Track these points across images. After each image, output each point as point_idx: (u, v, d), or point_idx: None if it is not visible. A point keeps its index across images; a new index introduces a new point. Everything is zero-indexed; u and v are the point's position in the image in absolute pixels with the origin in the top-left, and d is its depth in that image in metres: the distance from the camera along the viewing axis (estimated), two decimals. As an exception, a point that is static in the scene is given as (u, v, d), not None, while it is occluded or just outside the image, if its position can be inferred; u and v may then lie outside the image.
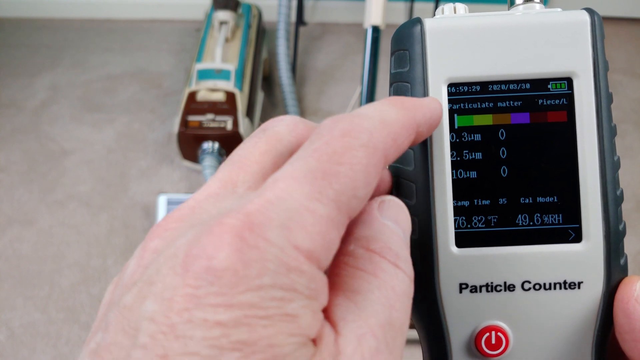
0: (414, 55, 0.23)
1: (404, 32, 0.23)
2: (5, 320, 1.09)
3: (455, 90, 0.23)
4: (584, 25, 0.23)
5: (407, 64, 0.23)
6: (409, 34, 0.23)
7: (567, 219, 0.23)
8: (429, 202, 0.23)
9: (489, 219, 0.23)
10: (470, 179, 0.23)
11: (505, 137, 0.23)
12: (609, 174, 0.23)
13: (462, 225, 0.23)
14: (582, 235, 0.23)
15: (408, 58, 0.23)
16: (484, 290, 0.23)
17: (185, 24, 1.97)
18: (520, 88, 0.23)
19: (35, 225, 1.28)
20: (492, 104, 0.23)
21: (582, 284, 0.23)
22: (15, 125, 1.55)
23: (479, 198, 0.23)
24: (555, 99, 0.23)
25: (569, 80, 0.23)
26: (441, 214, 0.23)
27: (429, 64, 0.23)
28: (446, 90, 0.23)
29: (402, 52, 0.23)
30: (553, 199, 0.23)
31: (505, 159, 0.23)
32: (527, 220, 0.23)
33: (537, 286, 0.23)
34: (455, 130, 0.23)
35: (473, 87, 0.23)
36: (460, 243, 0.23)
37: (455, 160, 0.23)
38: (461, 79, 0.23)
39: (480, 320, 0.23)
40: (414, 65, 0.23)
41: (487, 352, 0.23)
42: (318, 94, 1.69)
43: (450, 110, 0.23)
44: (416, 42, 0.23)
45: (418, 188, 0.23)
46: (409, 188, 0.23)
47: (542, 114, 0.23)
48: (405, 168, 0.23)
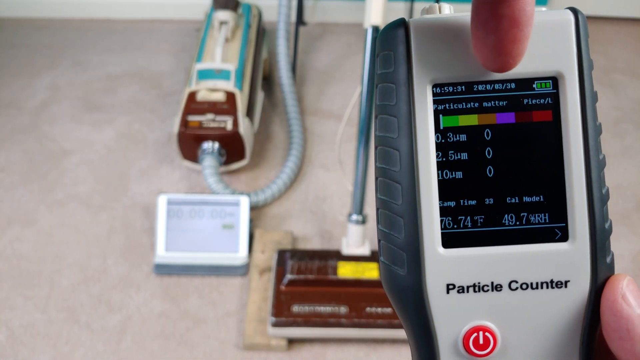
0: (398, 56, 0.23)
1: (389, 33, 0.23)
2: (5, 320, 1.09)
3: (440, 91, 0.23)
4: (568, 25, 0.23)
5: (392, 65, 0.23)
6: (393, 35, 0.23)
7: (553, 218, 0.23)
8: (414, 202, 0.23)
9: (476, 219, 0.23)
10: (456, 179, 0.23)
11: (490, 137, 0.23)
12: (594, 172, 0.23)
13: (448, 225, 0.23)
14: (569, 234, 0.23)
15: (393, 59, 0.23)
16: (472, 291, 0.23)
17: (185, 24, 1.97)
18: (506, 88, 0.23)
19: (35, 225, 1.28)
20: (477, 104, 0.23)
21: (569, 283, 0.23)
22: (15, 125, 1.55)
23: (465, 198, 0.23)
24: (541, 99, 0.23)
25: (554, 79, 0.23)
26: (427, 215, 0.23)
27: (414, 65, 0.23)
28: (431, 90, 0.23)
29: (387, 53, 0.23)
30: (539, 198, 0.23)
31: (491, 159, 0.23)
32: (514, 219, 0.23)
33: (524, 285, 0.23)
34: (440, 131, 0.23)
35: (458, 87, 0.23)
36: (446, 243, 0.23)
37: (440, 160, 0.23)
38: (446, 80, 0.23)
39: (467, 320, 0.23)
40: (398, 66, 0.23)
41: (475, 352, 0.23)
42: (318, 94, 1.69)
43: (436, 110, 0.23)
44: (400, 42, 0.23)
45: (404, 189, 0.23)
46: (394, 189, 0.23)
47: (528, 114, 0.23)
48: (390, 169, 0.23)
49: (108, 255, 1.21)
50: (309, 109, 1.63)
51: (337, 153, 1.21)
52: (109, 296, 1.13)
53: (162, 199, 1.18)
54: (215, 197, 1.20)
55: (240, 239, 1.18)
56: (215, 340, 1.07)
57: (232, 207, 1.19)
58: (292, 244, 1.23)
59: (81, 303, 1.12)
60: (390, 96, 0.23)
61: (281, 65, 1.56)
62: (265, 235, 1.23)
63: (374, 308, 1.03)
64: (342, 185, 1.34)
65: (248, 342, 1.04)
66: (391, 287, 0.24)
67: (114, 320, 1.09)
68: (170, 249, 1.17)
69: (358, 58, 1.79)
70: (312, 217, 1.31)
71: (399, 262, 0.23)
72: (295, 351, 1.05)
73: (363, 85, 0.96)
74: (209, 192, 1.29)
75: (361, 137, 1.00)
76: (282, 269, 1.08)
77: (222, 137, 1.29)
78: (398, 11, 1.92)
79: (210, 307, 1.12)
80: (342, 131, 1.13)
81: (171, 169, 1.42)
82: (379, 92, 0.24)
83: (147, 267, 1.19)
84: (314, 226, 1.29)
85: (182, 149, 1.33)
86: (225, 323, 1.09)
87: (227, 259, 1.17)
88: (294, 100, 1.54)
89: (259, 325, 1.05)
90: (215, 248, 1.17)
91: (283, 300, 1.04)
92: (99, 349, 1.05)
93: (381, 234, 0.24)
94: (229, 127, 1.29)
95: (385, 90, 0.23)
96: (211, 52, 1.46)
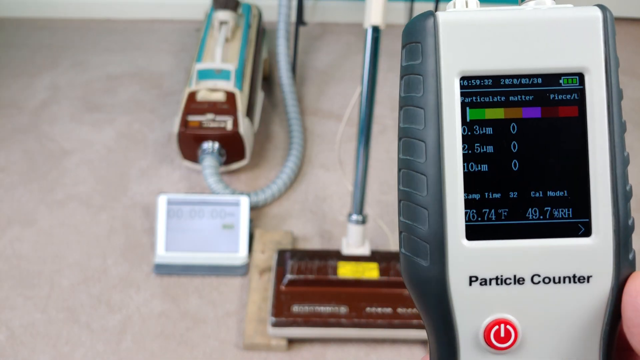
0: (426, 48, 0.23)
1: (417, 25, 0.23)
2: (5, 320, 1.09)
3: (468, 84, 0.23)
4: (596, 21, 0.23)
5: (420, 57, 0.23)
6: (422, 27, 0.23)
7: (577, 213, 0.23)
8: (440, 194, 0.23)
9: (500, 212, 0.23)
10: (481, 172, 0.23)
11: (516, 131, 0.23)
12: (619, 169, 0.23)
13: (472, 218, 0.23)
14: (592, 230, 0.23)
15: (421, 50, 0.23)
16: (494, 283, 0.23)
17: (185, 24, 1.97)
18: (532, 82, 0.23)
19: (35, 225, 1.28)
20: (504, 97, 0.23)
21: (591, 278, 0.23)
22: (15, 125, 1.55)
23: (489, 191, 0.23)
24: (567, 94, 0.23)
25: (581, 75, 0.23)
26: (452, 207, 0.23)
27: (442, 57, 0.23)
28: (459, 83, 0.23)
29: (415, 44, 0.23)
30: (563, 193, 0.23)
31: (516, 152, 0.23)
32: (538, 214, 0.23)
33: (546, 279, 0.23)
34: (467, 124, 0.23)
35: (485, 80, 0.23)
36: (470, 236, 0.23)
37: (466, 153, 0.23)
38: (474, 73, 0.23)
39: (489, 313, 0.23)
40: (426, 57, 0.23)
41: (496, 344, 0.23)
42: (318, 94, 1.69)
43: (463, 103, 0.23)
44: (429, 34, 0.23)
45: (429, 180, 0.23)
46: (419, 180, 0.23)
47: (554, 109, 0.23)
48: (416, 160, 0.23)
49: (108, 255, 1.21)
50: (309, 109, 1.63)
51: (337, 153, 1.21)
52: (109, 296, 1.13)
53: (162, 199, 1.18)
54: (215, 197, 1.20)
55: (240, 239, 1.18)
56: (215, 340, 1.07)
57: (232, 207, 1.19)
58: (292, 244, 1.23)
59: (81, 303, 1.12)
60: (417, 87, 0.23)
61: (281, 65, 1.56)
62: (265, 235, 1.23)
63: (374, 308, 1.03)
64: (342, 185, 1.34)
65: (248, 342, 1.04)
66: (413, 278, 0.24)
67: (114, 320, 1.09)
68: (170, 249, 1.17)
69: (358, 58, 1.79)
70: (312, 217, 1.31)
71: (421, 254, 0.23)
72: (295, 351, 1.05)
73: (363, 85, 0.96)
74: (209, 192, 1.29)
75: (361, 137, 1.00)
76: (282, 269, 1.08)
77: (222, 137, 1.29)
78: (398, 11, 1.92)
79: (210, 307, 1.12)
80: (342, 131, 1.12)
81: (171, 169, 1.42)
82: (405, 83, 0.24)
83: (147, 267, 1.19)
84: (314, 226, 1.29)
85: (182, 149, 1.33)
86: (225, 323, 1.09)
87: (227, 259, 1.17)
88: (294, 100, 1.54)
89: (259, 325, 1.05)
90: (215, 248, 1.17)
91: (283, 300, 1.04)
92: (99, 349, 1.05)
93: (403, 225, 0.24)
94: (229, 127, 1.29)
95: (411, 82, 0.23)
96: (211, 52, 1.46)
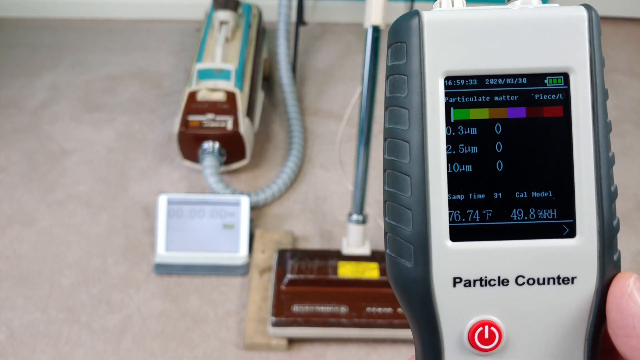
0: (411, 48, 0.23)
1: (402, 25, 0.23)
2: (5, 320, 1.09)
3: (452, 84, 0.23)
4: (581, 21, 0.23)
5: (404, 56, 0.23)
6: (406, 26, 0.23)
7: (561, 214, 0.23)
8: (424, 195, 0.23)
9: (484, 213, 0.23)
10: (465, 172, 0.23)
11: (501, 132, 0.23)
12: (603, 169, 0.23)
13: (456, 219, 0.23)
14: (577, 231, 0.23)
15: (405, 50, 0.23)
16: (478, 285, 0.23)
17: (185, 24, 1.97)
18: (517, 82, 0.23)
19: (35, 225, 1.28)
20: (488, 97, 0.23)
21: (575, 279, 0.23)
22: (15, 125, 1.55)
23: (474, 192, 0.23)
24: (552, 94, 0.23)
25: (566, 75, 0.23)
26: (436, 208, 0.23)
27: (427, 57, 0.23)
28: (443, 83, 0.23)
29: (399, 44, 0.23)
30: (548, 193, 0.23)
31: (500, 153, 0.23)
32: (522, 214, 0.23)
33: (530, 281, 0.23)
34: (451, 124, 0.23)
35: (470, 80, 0.23)
36: (454, 237, 0.23)
37: (450, 153, 0.23)
38: (458, 72, 0.23)
39: (473, 314, 0.23)
40: (411, 57, 0.23)
41: (480, 346, 0.23)
42: (318, 94, 1.69)
43: (447, 103, 0.23)
44: (413, 34, 0.23)
45: (413, 181, 0.23)
46: (403, 181, 0.23)
47: (539, 109, 0.23)
48: (400, 161, 0.23)
49: (108, 255, 1.21)
50: (309, 109, 1.63)
51: (337, 153, 1.21)
52: (109, 296, 1.13)
53: (162, 199, 1.18)
54: (216, 197, 1.20)
55: (241, 239, 1.18)
56: (215, 340, 1.07)
57: (232, 207, 1.19)
58: (292, 243, 1.23)
59: (81, 303, 1.12)
60: (402, 88, 0.23)
61: (281, 65, 1.56)
62: (265, 235, 1.23)
63: (374, 308, 1.03)
64: (342, 185, 1.34)
65: (248, 342, 1.04)
66: (397, 279, 0.24)
67: (114, 320, 1.09)
68: (170, 248, 1.17)
69: (358, 58, 1.79)
70: (312, 217, 1.31)
71: (405, 255, 0.23)
72: (295, 351, 1.05)
73: (363, 85, 0.96)
74: (209, 192, 1.29)
75: (361, 137, 1.00)
76: (282, 268, 1.08)
77: (222, 137, 1.29)
78: (398, 11, 1.92)
79: (211, 307, 1.12)
80: (342, 131, 1.13)
81: (171, 169, 1.42)
82: (390, 84, 0.24)
83: (147, 267, 1.19)
84: (314, 226, 1.29)
85: (183, 148, 1.33)
86: (226, 323, 1.09)
87: (227, 259, 1.17)
88: (294, 100, 1.54)
89: (259, 325, 1.05)
90: (216, 248, 1.17)
91: (283, 300, 1.04)
92: (99, 349, 1.05)
93: (388, 226, 0.24)
94: (229, 127, 1.29)
95: (396, 82, 0.23)
96: (211, 52, 1.46)
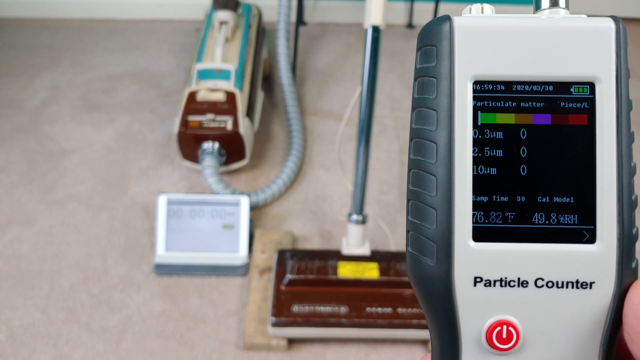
0: (441, 51, 0.24)
1: (433, 28, 0.24)
2: (5, 320, 1.09)
3: (481, 88, 0.24)
4: (609, 32, 0.23)
5: (434, 59, 0.24)
6: (437, 30, 0.24)
7: (582, 220, 0.24)
8: (449, 195, 0.23)
9: (507, 216, 0.24)
10: (490, 175, 0.24)
11: (526, 137, 0.24)
12: (625, 178, 0.23)
13: (480, 220, 0.24)
14: (597, 237, 0.23)
15: (435, 54, 0.24)
16: (498, 285, 0.23)
17: (185, 24, 1.97)
18: (544, 90, 0.24)
19: (35, 225, 1.28)
20: (515, 103, 0.24)
21: (593, 284, 0.23)
22: (15, 125, 1.55)
23: (497, 194, 0.24)
24: (577, 103, 0.24)
25: (592, 85, 0.24)
26: (460, 208, 0.23)
27: (456, 61, 0.23)
28: (471, 87, 0.24)
29: (430, 47, 0.24)
30: (570, 199, 0.24)
31: (525, 157, 0.24)
32: (544, 219, 0.24)
33: (549, 284, 0.23)
34: (478, 127, 0.24)
35: (498, 85, 0.24)
36: (477, 237, 0.23)
37: (476, 156, 0.24)
38: (487, 77, 0.24)
39: (492, 314, 0.24)
40: (441, 60, 0.24)
41: (498, 345, 0.23)
42: (318, 94, 1.69)
43: (475, 107, 0.24)
44: (444, 38, 0.24)
45: (439, 181, 0.23)
46: (429, 181, 0.24)
47: (564, 117, 0.24)
48: (426, 161, 0.24)
49: (108, 255, 1.21)
50: (309, 109, 1.63)
51: (337, 153, 1.21)
52: (109, 296, 1.13)
53: (162, 199, 1.18)
54: (216, 197, 1.20)
55: (241, 239, 1.18)
56: (215, 340, 1.07)
57: (232, 207, 1.19)
58: (292, 244, 1.23)
59: (81, 303, 1.12)
60: (431, 90, 0.24)
61: (281, 65, 1.56)
62: (265, 235, 1.23)
63: (374, 308, 1.03)
64: (342, 185, 1.34)
65: (248, 342, 1.04)
66: (418, 277, 0.24)
67: (114, 320, 1.09)
68: (170, 249, 1.17)
69: (358, 58, 1.79)
70: (312, 217, 1.31)
71: (428, 253, 0.24)
72: (295, 351, 1.05)
73: (363, 85, 0.96)
74: (209, 192, 1.29)
75: (361, 137, 1.00)
76: (282, 268, 1.08)
77: (222, 137, 1.29)
78: (398, 11, 1.92)
79: (210, 307, 1.12)
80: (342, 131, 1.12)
81: (171, 169, 1.42)
82: (418, 85, 0.24)
83: (147, 267, 1.19)
84: (314, 226, 1.29)
85: (182, 149, 1.33)
86: (225, 323, 1.09)
87: (227, 259, 1.17)
88: (294, 100, 1.54)
89: (259, 325, 1.05)
90: (216, 248, 1.17)
91: (283, 300, 1.04)
92: (99, 349, 1.05)
93: (411, 224, 0.24)
94: (229, 127, 1.29)
95: (425, 84, 0.24)
96: (211, 52, 1.46)
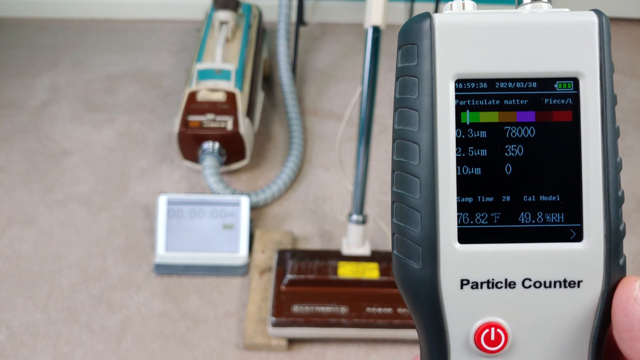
0: (422, 50, 0.23)
1: (413, 26, 0.23)
2: (5, 320, 1.09)
3: (463, 87, 0.23)
4: (591, 26, 0.23)
5: (415, 58, 0.23)
6: (418, 28, 0.23)
7: (568, 218, 0.23)
8: (433, 197, 0.23)
9: (492, 216, 0.23)
10: (474, 175, 0.23)
11: (510, 135, 0.23)
12: (611, 174, 0.23)
13: (465, 221, 0.23)
14: (583, 235, 0.23)
15: (416, 52, 0.23)
16: (485, 287, 0.23)
17: (186, 24, 1.97)
18: (527, 87, 0.23)
19: (35, 225, 1.28)
20: (498, 101, 0.23)
21: (581, 283, 0.23)
22: (15, 125, 1.55)
23: (482, 195, 0.23)
24: (561, 99, 0.23)
25: (576, 80, 0.23)
26: (444, 210, 0.23)
27: (437, 59, 0.23)
28: (453, 85, 0.23)
29: (410, 46, 0.23)
30: (556, 197, 0.23)
31: (509, 156, 0.23)
32: (530, 218, 0.23)
33: (537, 284, 0.23)
34: (461, 126, 0.23)
35: (480, 83, 0.23)
36: (462, 239, 0.23)
37: (460, 156, 0.23)
38: (469, 75, 0.23)
39: (480, 316, 0.23)
40: (422, 59, 0.23)
41: (486, 348, 0.23)
42: (318, 94, 1.69)
43: (457, 106, 0.23)
44: (425, 36, 0.23)
45: (422, 183, 0.23)
46: (412, 182, 0.23)
47: (548, 113, 0.23)
48: (409, 162, 0.23)
49: (108, 255, 1.21)
50: (309, 109, 1.63)
51: (337, 153, 1.21)
52: (109, 296, 1.13)
53: (162, 199, 1.18)
54: (216, 197, 1.20)
55: (241, 239, 1.18)
56: (215, 340, 1.07)
57: (232, 207, 1.19)
58: (292, 244, 1.23)
59: (81, 303, 1.12)
60: (412, 89, 0.23)
61: (281, 65, 1.56)
62: (265, 235, 1.23)
63: (374, 308, 1.03)
64: (342, 185, 1.34)
65: (248, 342, 1.04)
66: (404, 280, 0.24)
67: (114, 320, 1.09)
68: (170, 249, 1.17)
69: (358, 58, 1.79)
70: (312, 217, 1.31)
71: (413, 256, 0.23)
72: (295, 351, 1.05)
73: (363, 86, 0.96)
74: (209, 192, 1.29)
75: (361, 137, 1.00)
76: (282, 269, 1.08)
77: (222, 137, 1.29)
78: (398, 11, 1.92)
79: (211, 307, 1.12)
80: (342, 131, 1.12)
81: (171, 169, 1.42)
82: (400, 85, 0.24)
83: (147, 267, 1.19)
84: (314, 226, 1.29)
85: (183, 149, 1.33)
86: (226, 323, 1.09)
87: (227, 259, 1.17)
88: (294, 100, 1.54)
89: (259, 325, 1.05)
90: (216, 248, 1.17)
91: (283, 300, 1.04)
92: (99, 349, 1.05)
93: (396, 227, 0.24)
94: (229, 127, 1.29)
95: (406, 84, 0.23)
96: (211, 52, 1.46)
